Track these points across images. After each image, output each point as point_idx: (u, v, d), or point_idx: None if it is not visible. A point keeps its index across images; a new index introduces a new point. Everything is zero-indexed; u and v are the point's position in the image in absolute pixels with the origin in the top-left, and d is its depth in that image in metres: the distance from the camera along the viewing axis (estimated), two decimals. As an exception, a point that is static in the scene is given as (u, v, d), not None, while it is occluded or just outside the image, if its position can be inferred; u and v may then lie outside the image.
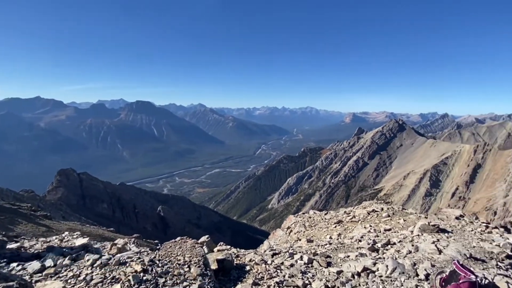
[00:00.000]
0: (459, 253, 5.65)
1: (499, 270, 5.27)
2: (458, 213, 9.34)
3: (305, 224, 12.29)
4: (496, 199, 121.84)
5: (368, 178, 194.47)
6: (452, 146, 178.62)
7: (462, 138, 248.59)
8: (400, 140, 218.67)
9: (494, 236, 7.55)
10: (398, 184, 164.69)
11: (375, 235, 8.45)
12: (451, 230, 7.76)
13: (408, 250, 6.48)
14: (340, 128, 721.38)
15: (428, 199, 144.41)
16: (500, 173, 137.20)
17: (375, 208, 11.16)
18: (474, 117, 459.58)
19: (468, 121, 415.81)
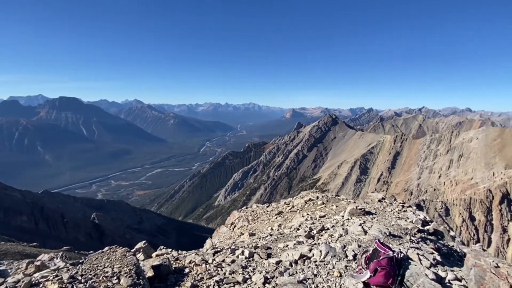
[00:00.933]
0: (380, 232, 6.34)
1: (412, 244, 6.06)
2: (380, 196, 10.53)
3: (248, 218, 12.41)
4: (412, 181, 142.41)
5: (308, 169, 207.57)
6: (376, 137, 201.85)
7: (384, 129, 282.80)
8: (334, 133, 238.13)
9: (408, 214, 8.69)
10: (333, 173, 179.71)
11: (312, 222, 8.97)
12: (375, 212, 8.69)
13: (340, 233, 7.01)
14: (281, 123, 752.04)
15: (358, 185, 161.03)
16: (414, 159, 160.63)
17: (312, 197, 11.89)
18: (393, 111, 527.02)
19: (388, 115, 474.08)
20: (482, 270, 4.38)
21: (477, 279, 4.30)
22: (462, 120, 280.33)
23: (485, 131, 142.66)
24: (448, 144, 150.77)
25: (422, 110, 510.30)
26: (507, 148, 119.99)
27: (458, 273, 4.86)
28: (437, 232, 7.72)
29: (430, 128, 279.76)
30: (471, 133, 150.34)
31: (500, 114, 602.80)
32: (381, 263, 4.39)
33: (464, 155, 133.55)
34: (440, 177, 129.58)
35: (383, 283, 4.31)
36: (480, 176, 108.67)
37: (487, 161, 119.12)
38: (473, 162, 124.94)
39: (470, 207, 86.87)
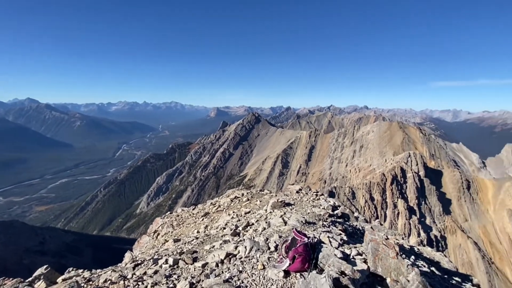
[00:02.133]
0: (298, 221, 6.92)
1: (324, 228, 6.78)
2: (298, 188, 11.49)
3: (173, 223, 11.86)
4: (325, 171, 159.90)
5: (235, 167, 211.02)
6: (294, 133, 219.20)
7: (301, 126, 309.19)
8: (257, 130, 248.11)
9: (321, 202, 9.70)
10: (259, 169, 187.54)
11: (237, 220, 9.16)
12: (293, 203, 9.44)
13: (263, 227, 7.36)
14: (206, 122, 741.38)
15: (281, 178, 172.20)
16: (326, 151, 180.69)
17: (237, 195, 12.14)
18: (307, 109, 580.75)
19: (304, 113, 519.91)
20: (376, 243, 5.24)
21: (373, 251, 5.12)
22: (361, 116, 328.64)
23: (378, 125, 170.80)
24: (351, 137, 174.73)
25: (331, 108, 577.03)
26: (394, 138, 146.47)
27: (359, 248, 5.68)
28: (344, 215, 8.85)
29: (337, 123, 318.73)
30: (368, 127, 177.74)
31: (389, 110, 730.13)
32: (298, 250, 4.79)
33: (364, 146, 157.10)
34: (346, 165, 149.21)
35: (301, 268, 4.71)
36: (376, 162, 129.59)
37: (381, 150, 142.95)
38: (371, 151, 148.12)
39: (370, 189, 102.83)
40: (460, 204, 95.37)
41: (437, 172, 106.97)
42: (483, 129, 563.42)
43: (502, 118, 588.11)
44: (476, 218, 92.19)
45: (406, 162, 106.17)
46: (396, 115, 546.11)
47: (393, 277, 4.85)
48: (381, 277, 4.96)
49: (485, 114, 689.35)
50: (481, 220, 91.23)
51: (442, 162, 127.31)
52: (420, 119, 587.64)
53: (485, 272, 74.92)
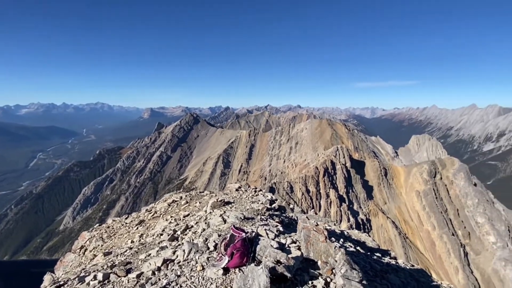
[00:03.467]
0: (237, 218, 7.03)
1: (262, 222, 7.03)
2: (237, 186, 11.65)
3: (103, 236, 10.79)
4: (265, 168, 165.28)
5: (173, 170, 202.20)
6: (234, 133, 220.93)
7: (240, 125, 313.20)
8: (196, 131, 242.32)
9: (259, 197, 10.02)
10: (200, 170, 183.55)
11: (176, 224, 8.83)
12: (233, 201, 9.54)
13: (203, 228, 7.25)
14: (139, 124, 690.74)
15: (223, 179, 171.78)
16: (265, 149, 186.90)
17: (175, 198, 11.69)
18: (246, 108, 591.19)
19: (242, 112, 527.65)
20: (307, 230, 5.67)
21: (305, 238, 5.54)
22: (296, 115, 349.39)
23: (310, 123, 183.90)
24: (287, 134, 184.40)
25: (268, 108, 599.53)
26: (324, 134, 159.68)
27: (294, 237, 6.06)
28: (281, 207, 9.32)
29: (274, 122, 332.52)
30: (302, 125, 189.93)
31: (319, 109, 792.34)
32: (236, 246, 4.87)
33: (299, 142, 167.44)
34: (284, 162, 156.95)
35: (240, 263, 4.81)
36: (310, 157, 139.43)
37: (313, 145, 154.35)
38: (305, 147, 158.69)
39: (306, 182, 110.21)
40: (380, 189, 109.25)
41: (360, 163, 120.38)
42: (394, 124, 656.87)
43: (408, 114, 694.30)
44: (393, 201, 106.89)
45: (335, 156, 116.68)
46: (325, 113, 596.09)
47: (323, 259, 5.32)
48: (313, 260, 5.39)
49: (395, 111, 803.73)
50: (396, 202, 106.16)
51: (364, 153, 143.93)
52: (345, 116, 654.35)
53: (402, 246, 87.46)
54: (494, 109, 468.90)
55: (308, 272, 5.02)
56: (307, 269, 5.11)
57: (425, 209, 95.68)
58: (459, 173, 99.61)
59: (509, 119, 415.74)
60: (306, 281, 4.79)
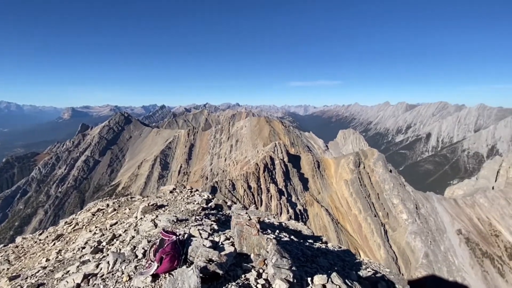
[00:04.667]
0: (169, 221, 6.74)
1: (196, 222, 6.89)
2: (171, 187, 11.17)
3: (9, 258, 9.18)
4: (206, 168, 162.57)
5: (103, 176, 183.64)
6: (172, 132, 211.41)
7: (178, 125, 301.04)
8: (128, 132, 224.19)
9: (195, 198, 9.80)
10: (134, 174, 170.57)
11: (101, 234, 8.03)
12: (167, 204, 9.11)
13: (131, 236, 6.75)
14: (58, 126, 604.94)
15: (161, 181, 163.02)
16: (206, 148, 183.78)
17: (100, 207, 10.60)
18: (183, 107, 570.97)
19: (180, 111, 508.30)
20: (241, 225, 5.78)
21: (238, 233, 5.63)
22: (235, 113, 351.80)
23: (249, 121, 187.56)
24: (228, 132, 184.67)
25: (206, 106, 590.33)
26: (263, 131, 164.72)
27: (228, 234, 6.10)
28: (218, 206, 9.28)
29: (214, 120, 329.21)
30: (241, 123, 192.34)
31: (257, 107, 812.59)
32: (165, 250, 4.67)
33: (239, 140, 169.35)
34: (225, 160, 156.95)
35: (170, 268, 4.62)
36: (250, 154, 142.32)
37: (253, 142, 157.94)
38: (245, 144, 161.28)
39: (247, 179, 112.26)
40: (314, 180, 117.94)
41: (296, 157, 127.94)
42: (324, 120, 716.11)
43: (336, 111, 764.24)
44: (326, 190, 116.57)
45: (273, 151, 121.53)
46: (263, 110, 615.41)
47: (255, 252, 5.50)
48: (247, 254, 5.52)
49: (325, 108, 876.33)
50: (328, 191, 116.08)
51: (299, 148, 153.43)
52: (281, 114, 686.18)
53: (335, 231, 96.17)
54: (403, 106, 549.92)
55: (242, 266, 5.12)
56: (241, 263, 5.21)
57: (352, 196, 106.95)
58: (378, 161, 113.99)
59: (413, 114, 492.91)
60: (239, 275, 4.88)
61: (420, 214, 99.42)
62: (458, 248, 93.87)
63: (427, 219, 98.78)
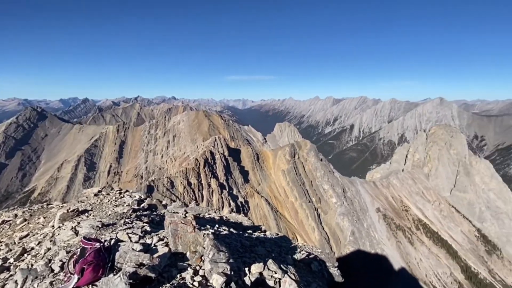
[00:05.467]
0: (92, 227, 6.09)
1: (125, 226, 6.38)
2: (96, 190, 10.11)
3: None
4: (140, 166, 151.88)
5: (13, 181, 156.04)
6: (98, 129, 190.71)
7: (105, 120, 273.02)
8: (43, 129, 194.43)
9: (125, 199, 9.07)
10: (53, 177, 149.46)
11: (7, 250, 6.81)
12: (91, 208, 8.21)
13: (47, 248, 5.90)
14: None
15: (88, 184, 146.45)
16: (139, 145, 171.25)
17: (6, 218, 8.96)
18: (111, 100, 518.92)
19: (107, 105, 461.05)
20: (175, 224, 5.57)
21: (173, 232, 5.42)
22: (171, 107, 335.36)
23: (187, 115, 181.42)
24: (164, 128, 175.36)
25: (138, 99, 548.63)
26: (202, 125, 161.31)
27: (161, 234, 5.82)
28: (151, 206, 8.77)
29: (147, 115, 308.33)
30: (178, 117, 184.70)
31: (195, 100, 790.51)
32: (87, 259, 4.22)
33: (177, 135, 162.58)
34: (162, 157, 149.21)
35: (94, 278, 4.20)
36: (189, 149, 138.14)
37: (192, 137, 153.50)
38: (183, 140, 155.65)
39: (187, 175, 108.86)
40: (254, 172, 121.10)
41: (237, 151, 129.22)
42: (262, 114, 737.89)
43: (272, 105, 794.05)
44: (265, 181, 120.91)
45: (213, 146, 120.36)
46: (201, 104, 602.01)
47: (192, 250, 5.38)
48: (182, 253, 5.37)
49: (262, 102, 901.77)
50: (267, 182, 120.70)
51: (239, 142, 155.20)
52: (220, 108, 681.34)
53: (274, 219, 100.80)
54: (330, 100, 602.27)
55: (177, 266, 4.96)
56: (176, 263, 5.04)
57: (289, 185, 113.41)
58: (311, 152, 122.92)
59: (339, 107, 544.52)
60: (175, 275, 4.72)
61: (347, 197, 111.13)
62: (377, 224, 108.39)
63: (352, 201, 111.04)
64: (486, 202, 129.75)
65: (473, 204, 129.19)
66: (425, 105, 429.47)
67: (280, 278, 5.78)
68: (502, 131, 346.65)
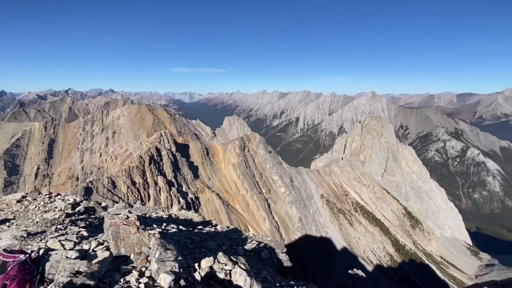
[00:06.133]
0: (15, 238, 5.34)
1: (58, 233, 5.75)
2: (19, 196, 8.85)
3: None
4: (75, 167, 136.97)
5: None
6: (21, 126, 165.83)
7: (29, 116, 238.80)
8: None
9: (57, 203, 8.13)
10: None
11: None
12: (13, 217, 7.16)
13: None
14: None
15: (10, 190, 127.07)
16: (73, 143, 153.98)
17: None
18: (35, 93, 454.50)
19: (30, 98, 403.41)
20: (116, 226, 5.21)
21: (114, 235, 5.07)
22: (109, 101, 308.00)
23: (128, 109, 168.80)
24: (101, 123, 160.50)
25: (69, 92, 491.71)
26: (145, 120, 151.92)
27: (101, 238, 5.40)
28: (89, 209, 8.04)
29: (81, 110, 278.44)
30: (118, 112, 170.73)
31: (136, 93, 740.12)
32: (10, 274, 3.70)
33: (117, 132, 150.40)
34: (101, 155, 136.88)
35: (19, 294, 3.71)
36: (132, 146, 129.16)
37: (135, 133, 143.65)
38: (125, 136, 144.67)
39: (130, 174, 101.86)
40: (204, 167, 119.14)
41: (185, 146, 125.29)
42: (210, 107, 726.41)
43: (221, 98, 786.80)
44: (216, 175, 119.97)
45: (159, 142, 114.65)
46: (143, 98, 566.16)
47: (136, 251, 5.11)
48: (126, 256, 5.07)
49: (210, 95, 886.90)
50: (218, 176, 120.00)
51: (187, 136, 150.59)
52: (165, 101, 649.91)
53: (226, 213, 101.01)
54: (277, 94, 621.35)
55: (120, 270, 4.68)
56: (119, 267, 4.74)
57: (240, 178, 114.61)
58: (260, 144, 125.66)
59: (285, 101, 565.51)
60: (118, 280, 4.44)
61: (294, 186, 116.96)
62: (322, 209, 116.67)
63: (299, 189, 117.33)
64: (410, 183, 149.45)
65: (400, 185, 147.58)
66: (360, 98, 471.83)
67: (230, 270, 5.88)
68: (421, 121, 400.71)
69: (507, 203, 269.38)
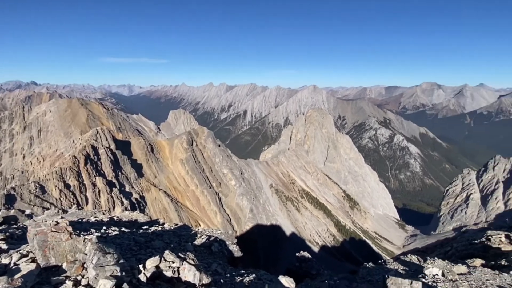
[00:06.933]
0: None
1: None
2: None
3: None
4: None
5: None
6: None
7: None
8: None
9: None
10: None
11: None
12: None
13: None
14: None
15: None
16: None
17: None
18: None
19: None
20: (43, 234, 4.66)
21: (40, 244, 4.54)
22: (31, 94, 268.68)
23: (56, 103, 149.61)
24: (23, 121, 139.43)
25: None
26: (78, 116, 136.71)
27: (25, 249, 4.80)
28: (9, 218, 7.04)
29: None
30: (43, 107, 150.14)
31: (65, 86, 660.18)
32: None
33: (43, 129, 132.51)
34: (24, 157, 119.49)
35: None
36: (63, 146, 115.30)
37: (65, 130, 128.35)
38: (53, 134, 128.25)
39: (63, 177, 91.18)
40: (149, 165, 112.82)
41: (126, 143, 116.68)
42: (153, 101, 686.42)
43: (164, 91, 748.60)
44: (162, 172, 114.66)
45: (96, 139, 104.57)
46: (74, 91, 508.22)
47: (69, 259, 4.67)
48: (58, 265, 4.60)
49: (152, 88, 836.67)
50: (165, 173, 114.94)
51: (128, 133, 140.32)
52: (100, 95, 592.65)
53: (175, 210, 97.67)
54: (224, 87, 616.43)
55: (50, 282, 4.23)
56: (49, 279, 4.28)
57: (189, 173, 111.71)
58: (208, 138, 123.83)
59: (233, 94, 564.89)
60: (48, 293, 4.02)
61: (244, 178, 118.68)
62: (271, 198, 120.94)
63: (249, 181, 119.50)
64: (348, 169, 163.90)
65: (340, 171, 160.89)
66: (302, 92, 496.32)
67: (178, 267, 5.78)
68: (356, 111, 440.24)
69: (426, 181, 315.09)
